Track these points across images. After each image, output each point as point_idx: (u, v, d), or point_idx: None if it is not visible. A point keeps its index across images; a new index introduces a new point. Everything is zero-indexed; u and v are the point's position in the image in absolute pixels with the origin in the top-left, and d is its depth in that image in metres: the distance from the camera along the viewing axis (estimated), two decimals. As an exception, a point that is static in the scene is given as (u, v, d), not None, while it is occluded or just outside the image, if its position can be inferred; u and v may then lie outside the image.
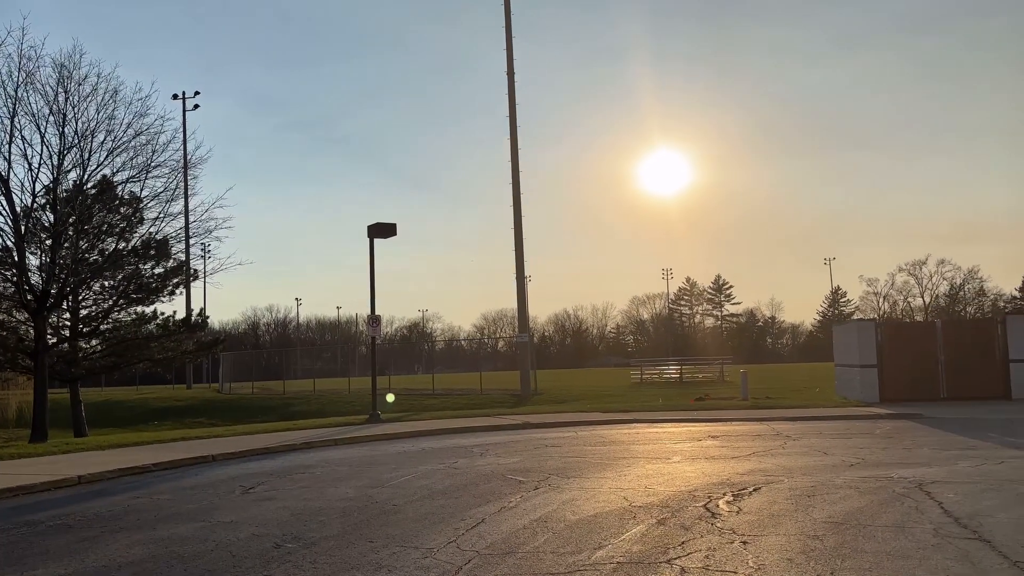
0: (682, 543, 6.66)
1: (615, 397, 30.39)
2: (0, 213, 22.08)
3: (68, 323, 25.66)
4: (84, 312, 25.62)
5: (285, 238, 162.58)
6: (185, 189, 27.59)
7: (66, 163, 22.75)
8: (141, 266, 25.36)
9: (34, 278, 22.80)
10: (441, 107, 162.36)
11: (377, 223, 21.98)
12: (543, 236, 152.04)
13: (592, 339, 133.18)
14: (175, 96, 57.57)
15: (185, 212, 28.19)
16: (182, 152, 29.23)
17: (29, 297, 22.26)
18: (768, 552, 6.27)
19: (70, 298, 24.68)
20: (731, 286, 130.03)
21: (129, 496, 10.48)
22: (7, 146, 21.80)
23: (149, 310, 26.41)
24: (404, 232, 22.40)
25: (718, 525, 7.29)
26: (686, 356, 66.73)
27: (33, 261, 23.28)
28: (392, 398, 36.02)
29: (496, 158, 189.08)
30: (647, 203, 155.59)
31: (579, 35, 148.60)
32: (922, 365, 22.49)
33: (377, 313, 22.41)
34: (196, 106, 58.13)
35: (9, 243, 22.11)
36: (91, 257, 23.83)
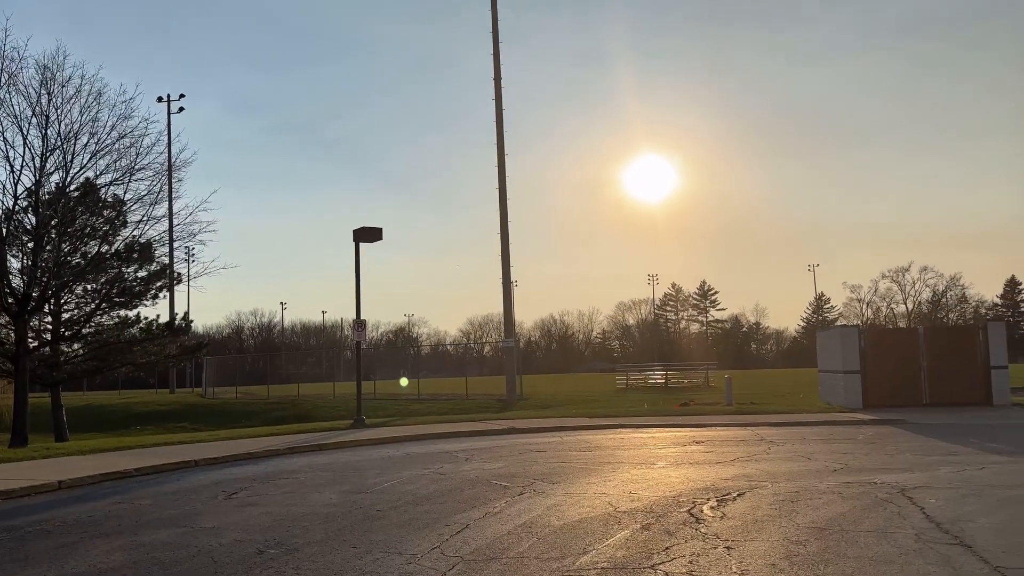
0: (666, 548, 6.67)
1: (601, 402, 30.43)
2: (-19, 215, 21.92)
3: (50, 326, 25.46)
4: (66, 315, 25.43)
5: (270, 242, 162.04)
6: (169, 192, 27.49)
7: (49, 165, 22.61)
8: (124, 269, 25.22)
9: (15, 281, 22.62)
10: (427, 110, 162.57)
11: (363, 227, 21.92)
12: (529, 241, 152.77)
13: (578, 344, 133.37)
14: (160, 99, 57.35)
15: (169, 215, 28.10)
16: (166, 155, 29.09)
17: (10, 300, 22.05)
18: (752, 558, 6.28)
19: (52, 301, 24.49)
20: (716, 292, 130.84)
21: (110, 501, 10.37)
22: (-11, 148, 21.64)
23: (132, 314, 26.27)
24: (390, 236, 22.41)
25: (702, 530, 7.30)
26: (671, 361, 66.90)
27: (14, 264, 23.12)
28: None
29: (482, 162, 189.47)
30: (633, 208, 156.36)
31: (565, 39, 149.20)
32: (905, 371, 22.65)
33: (363, 318, 22.35)
34: (181, 109, 57.93)
35: (-10, 246, 21.93)
36: (73, 260, 23.66)
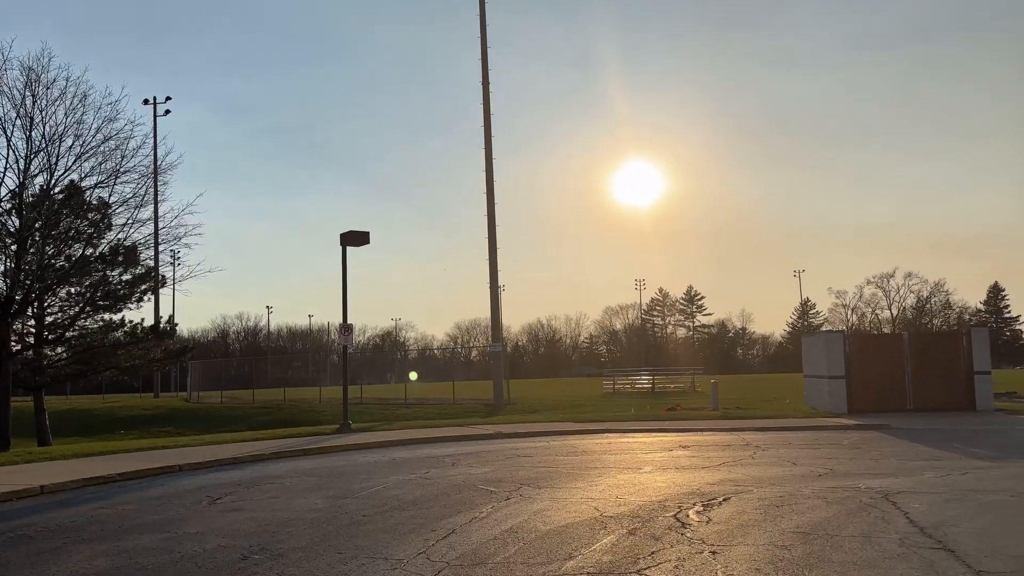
0: (652, 553, 6.68)
1: (588, 407, 30.45)
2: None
3: (33, 330, 25.20)
4: (50, 319, 25.20)
5: (256, 245, 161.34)
6: (155, 195, 27.35)
7: (33, 167, 22.45)
8: (109, 272, 25.02)
9: (-2, 284, 22.40)
10: (415, 114, 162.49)
11: (350, 231, 21.87)
12: (517, 245, 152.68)
13: (565, 349, 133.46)
14: (146, 101, 56.94)
15: (155, 218, 27.91)
16: (152, 157, 28.91)
17: (-8, 303, 21.85)
18: (737, 562, 6.30)
19: (35, 304, 24.28)
20: (703, 297, 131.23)
21: (93, 507, 10.29)
22: (-29, 150, 21.47)
23: (116, 317, 26.06)
24: (377, 240, 22.40)
25: (688, 535, 7.32)
26: (658, 366, 67.17)
27: (-3, 267, 22.88)
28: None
29: (470, 165, 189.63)
30: (621, 213, 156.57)
31: (553, 43, 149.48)
32: (889, 376, 22.78)
33: (349, 322, 22.30)
34: (167, 111, 57.53)
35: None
36: (57, 263, 23.48)
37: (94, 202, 24.05)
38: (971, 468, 11.43)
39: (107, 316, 25.97)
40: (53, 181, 22.82)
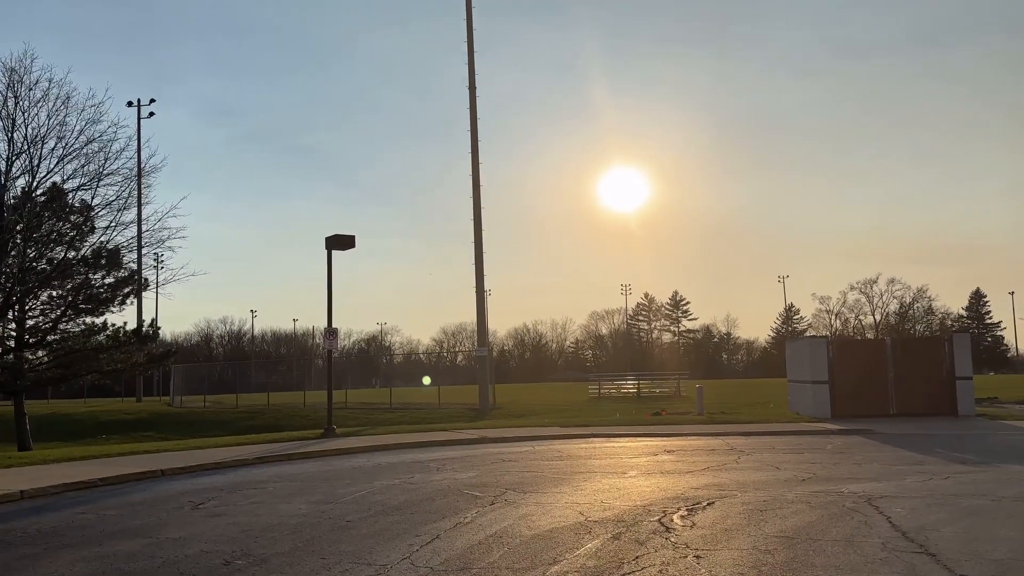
0: (636, 558, 6.69)
1: (573, 412, 30.47)
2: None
3: (14, 333, 24.93)
4: (31, 322, 24.94)
5: (241, 249, 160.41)
6: (138, 198, 27.16)
7: (15, 169, 22.30)
8: (91, 276, 24.81)
9: (-22, 287, 22.17)
10: (401, 119, 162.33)
11: (336, 235, 21.79)
12: (503, 250, 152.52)
13: (551, 354, 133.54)
14: (130, 103, 56.53)
15: (138, 221, 27.70)
16: (135, 160, 28.67)
17: (-28, 306, 21.63)
18: (721, 567, 6.32)
19: (16, 308, 24.02)
20: (688, 302, 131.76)
21: (74, 512, 10.19)
22: (-48, 151, 21.27)
23: (99, 321, 25.84)
24: (363, 244, 22.27)
25: (672, 540, 7.33)
26: (644, 371, 67.16)
27: (-22, 270, 22.64)
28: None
29: (457, 170, 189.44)
30: (607, 218, 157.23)
31: (540, 49, 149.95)
32: (872, 382, 22.95)
33: (334, 326, 22.19)
34: (151, 114, 57.14)
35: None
36: (39, 266, 23.27)
37: (77, 204, 23.88)
38: (953, 473, 11.52)
39: (89, 319, 25.74)
40: (35, 183, 22.67)
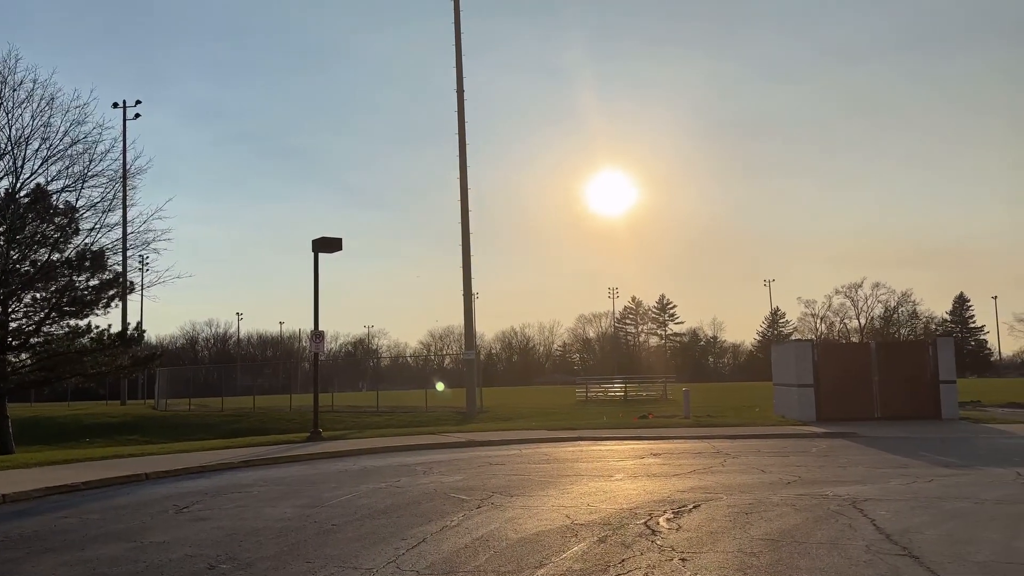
0: (622, 561, 6.70)
1: (560, 415, 30.49)
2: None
3: (-4, 336, 24.73)
4: (14, 324, 24.73)
5: (226, 251, 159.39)
6: (123, 199, 27.04)
7: (-2, 171, 22.06)
8: (75, 278, 24.62)
9: (-40, 289, 21.97)
10: (390, 122, 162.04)
11: (322, 237, 21.73)
12: (491, 253, 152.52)
13: (539, 357, 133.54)
14: (115, 105, 56.24)
15: (123, 223, 27.60)
16: (121, 162, 28.55)
17: (-46, 308, 21.43)
18: (706, 570, 6.34)
19: (-1, 310, 23.82)
20: (675, 306, 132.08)
21: (56, 516, 10.10)
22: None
23: (83, 323, 25.62)
24: (350, 247, 22.23)
25: (658, 542, 7.35)
26: (631, 374, 67.36)
27: (-40, 271, 22.44)
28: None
29: (444, 173, 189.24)
30: (594, 222, 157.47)
31: (528, 53, 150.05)
32: (857, 385, 23.09)
33: (321, 329, 22.12)
34: (137, 115, 56.87)
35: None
36: (23, 268, 23.09)
37: (61, 206, 23.74)
38: (936, 476, 11.61)
39: (73, 322, 25.52)
40: (19, 184, 22.53)
